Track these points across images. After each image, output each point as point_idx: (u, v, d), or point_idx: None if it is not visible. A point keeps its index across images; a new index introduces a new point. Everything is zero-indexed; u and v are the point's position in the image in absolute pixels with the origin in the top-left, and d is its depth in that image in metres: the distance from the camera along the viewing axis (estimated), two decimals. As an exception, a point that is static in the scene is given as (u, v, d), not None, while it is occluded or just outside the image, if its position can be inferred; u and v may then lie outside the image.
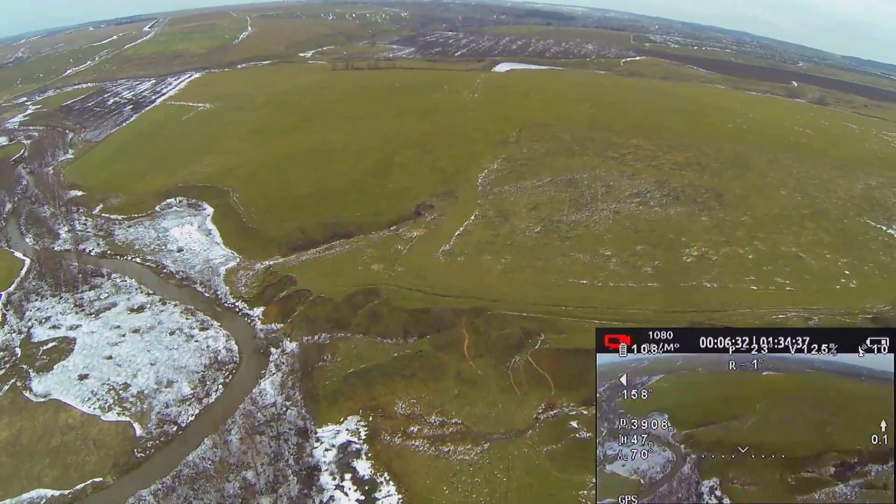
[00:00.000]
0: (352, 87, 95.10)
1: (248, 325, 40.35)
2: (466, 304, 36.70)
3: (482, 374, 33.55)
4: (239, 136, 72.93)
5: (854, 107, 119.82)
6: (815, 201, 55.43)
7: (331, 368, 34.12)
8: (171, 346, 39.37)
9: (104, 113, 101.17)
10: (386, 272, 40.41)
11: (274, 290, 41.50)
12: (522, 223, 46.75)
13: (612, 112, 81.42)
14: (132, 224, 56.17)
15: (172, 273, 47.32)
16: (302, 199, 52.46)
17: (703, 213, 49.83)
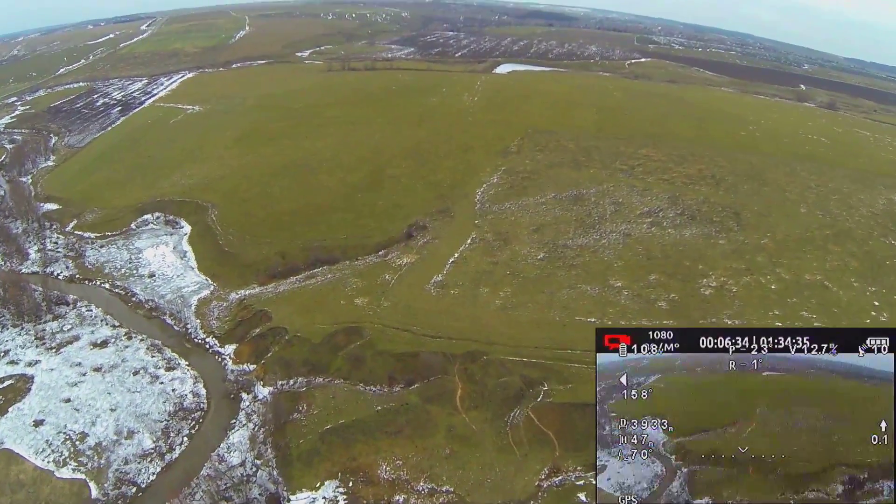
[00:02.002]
0: (346, 90, 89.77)
1: (218, 365, 35.64)
2: (460, 348, 31.83)
3: (477, 429, 28.81)
4: (225, 142, 67.84)
5: (863, 111, 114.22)
6: (837, 220, 50.44)
7: (306, 423, 29.37)
8: (134, 388, 35.04)
9: (91, 115, 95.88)
10: (371, 307, 35.47)
11: (247, 327, 36.67)
12: (524, 248, 41.71)
13: (618, 118, 76.12)
14: (105, 244, 51.38)
15: (142, 302, 42.66)
16: (284, 218, 47.41)
17: (721, 234, 44.77)
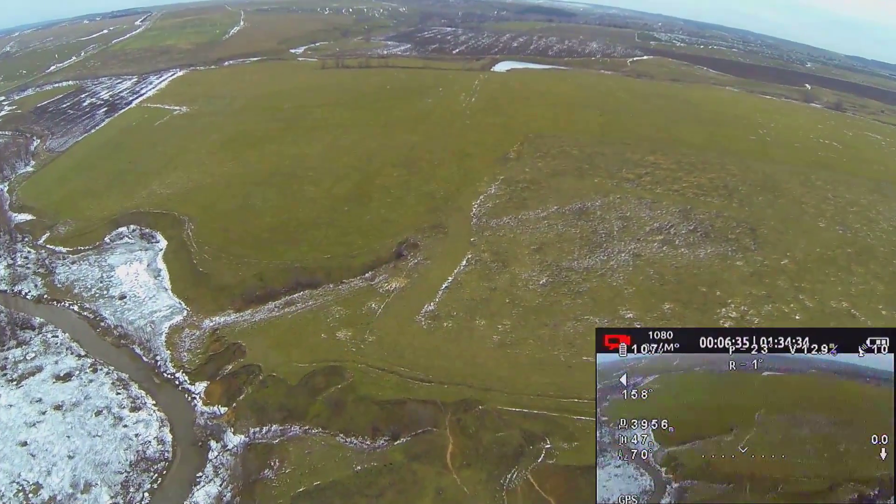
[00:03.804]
0: (338, 90, 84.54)
1: (187, 406, 31.51)
2: (452, 395, 27.63)
3: (469, 492, 24.73)
4: (209, 147, 63.01)
5: (871, 112, 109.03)
6: (858, 236, 46.13)
7: (277, 484, 25.28)
8: (95, 431, 31.26)
9: (77, 116, 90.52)
10: (354, 343, 31.17)
11: (220, 362, 32.42)
12: (525, 271, 37.30)
13: (623, 120, 71.19)
14: (77, 259, 46.97)
15: (110, 328, 38.47)
16: (264, 235, 42.85)
17: (738, 254, 40.40)
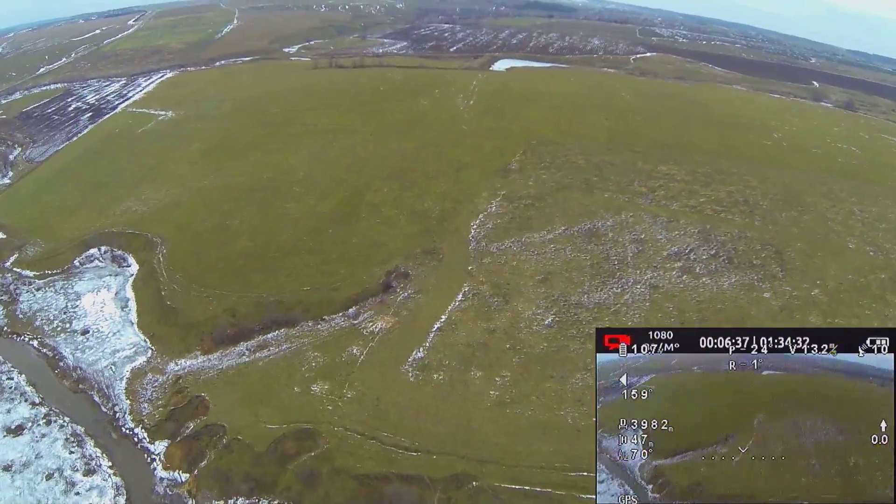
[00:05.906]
0: (330, 92, 78.93)
1: (145, 469, 26.93)
2: (441, 468, 22.97)
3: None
4: (190, 157, 57.89)
5: (883, 112, 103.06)
6: (890, 258, 41.13)
7: (236, 583, 20.87)
8: (44, 499, 26.95)
9: (61, 122, 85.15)
10: (331, 399, 26.45)
11: (182, 418, 27.76)
12: (528, 308, 32.38)
13: (631, 124, 65.71)
14: (42, 285, 42.20)
15: (69, 369, 33.87)
16: (239, 262, 37.94)
17: (765, 283, 35.45)
